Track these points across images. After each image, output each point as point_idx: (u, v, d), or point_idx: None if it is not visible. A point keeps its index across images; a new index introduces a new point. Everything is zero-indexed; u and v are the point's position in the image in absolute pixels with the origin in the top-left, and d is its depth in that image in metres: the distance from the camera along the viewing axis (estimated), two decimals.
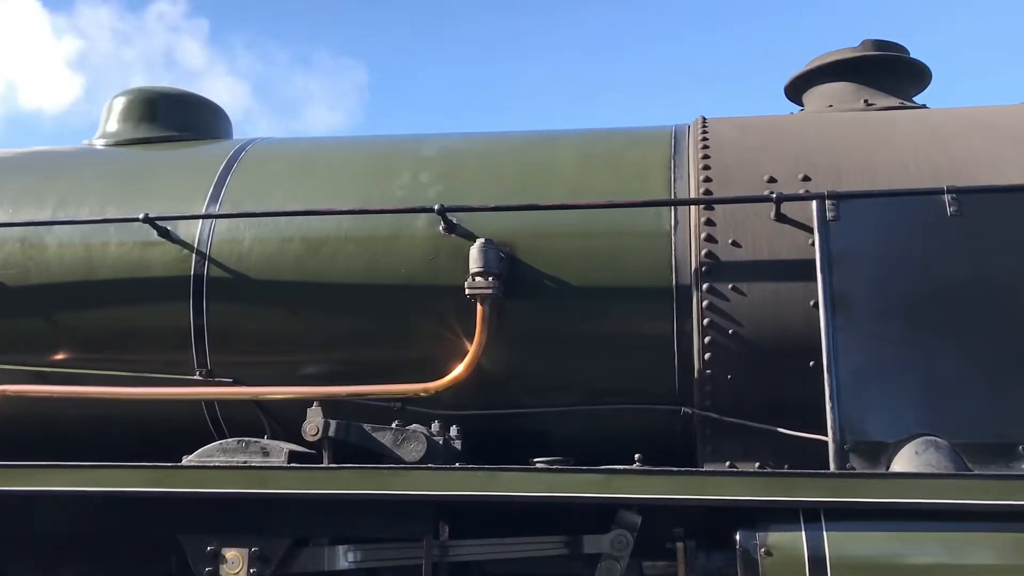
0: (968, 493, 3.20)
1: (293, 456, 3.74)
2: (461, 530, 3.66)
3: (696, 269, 3.91)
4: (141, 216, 4.23)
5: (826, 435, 3.49)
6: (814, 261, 3.65)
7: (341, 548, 3.63)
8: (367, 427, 3.78)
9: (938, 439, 3.41)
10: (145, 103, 5.14)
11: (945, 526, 3.19)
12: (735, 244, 3.92)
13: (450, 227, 4.09)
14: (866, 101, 4.55)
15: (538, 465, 3.63)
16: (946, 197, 3.63)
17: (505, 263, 4.01)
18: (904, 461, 3.39)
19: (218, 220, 4.33)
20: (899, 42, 4.69)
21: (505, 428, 4.16)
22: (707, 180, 4.06)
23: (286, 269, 4.20)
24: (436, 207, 4.02)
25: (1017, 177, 3.76)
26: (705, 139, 4.23)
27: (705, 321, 3.85)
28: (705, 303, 3.86)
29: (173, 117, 5.12)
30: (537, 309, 4.06)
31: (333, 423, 3.75)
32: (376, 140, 4.85)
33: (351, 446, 3.77)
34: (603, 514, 3.53)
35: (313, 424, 3.76)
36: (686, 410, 3.91)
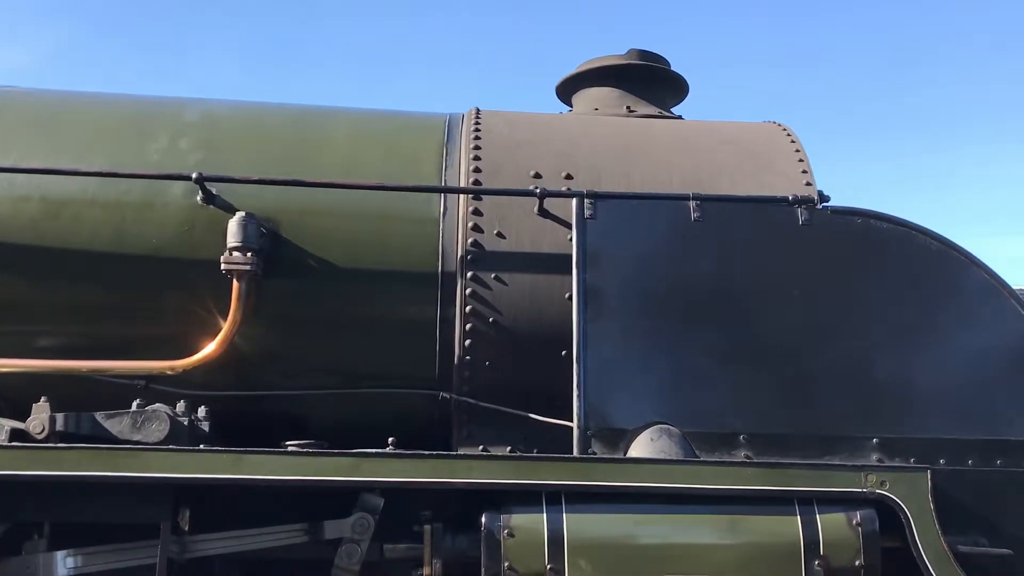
0: (694, 478, 3.48)
1: (16, 434, 3.42)
2: (206, 518, 3.51)
3: (462, 257, 3.97)
4: None
5: (572, 421, 3.66)
6: (571, 256, 3.81)
7: (59, 554, 3.37)
8: (100, 416, 3.51)
9: (671, 427, 3.67)
10: None
11: (673, 508, 3.47)
12: (500, 235, 4.01)
13: (209, 197, 3.91)
14: (628, 108, 4.81)
15: (289, 448, 3.54)
16: (691, 203, 3.90)
17: (267, 239, 3.89)
18: (640, 447, 3.63)
19: None
20: (664, 55, 5.00)
21: (259, 410, 4.03)
22: (477, 171, 4.14)
23: (20, 231, 3.87)
24: (194, 175, 3.83)
25: (752, 189, 4.12)
26: (477, 130, 4.30)
27: (467, 308, 3.93)
28: (468, 291, 3.94)
29: None
30: (298, 288, 3.96)
31: (60, 417, 3.44)
32: (134, 99, 4.53)
33: (85, 438, 3.49)
34: (354, 498, 3.51)
35: (38, 421, 3.42)
36: (444, 395, 3.97)
